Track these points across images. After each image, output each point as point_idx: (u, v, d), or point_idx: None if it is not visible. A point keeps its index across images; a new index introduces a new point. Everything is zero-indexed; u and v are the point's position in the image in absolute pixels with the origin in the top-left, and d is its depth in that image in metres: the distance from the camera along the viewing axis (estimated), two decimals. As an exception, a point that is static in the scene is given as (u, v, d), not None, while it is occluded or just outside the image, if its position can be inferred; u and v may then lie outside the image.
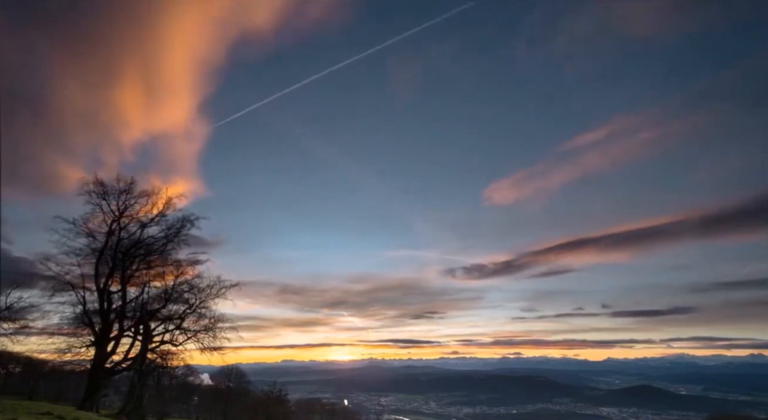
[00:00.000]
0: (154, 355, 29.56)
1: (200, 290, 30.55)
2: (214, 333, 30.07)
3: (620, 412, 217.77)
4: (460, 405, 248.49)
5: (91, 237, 27.37)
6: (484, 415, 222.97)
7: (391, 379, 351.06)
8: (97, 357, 26.16)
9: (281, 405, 63.16)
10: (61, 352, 26.38)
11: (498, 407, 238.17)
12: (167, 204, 29.18)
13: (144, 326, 29.02)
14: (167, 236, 29.52)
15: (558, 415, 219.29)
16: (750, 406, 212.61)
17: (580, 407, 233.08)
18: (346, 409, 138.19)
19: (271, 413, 57.05)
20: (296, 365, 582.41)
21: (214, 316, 30.61)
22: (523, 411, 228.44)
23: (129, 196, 28.01)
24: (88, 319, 26.60)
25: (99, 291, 26.89)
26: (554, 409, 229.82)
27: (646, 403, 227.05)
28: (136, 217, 28.63)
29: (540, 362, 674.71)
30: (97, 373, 25.69)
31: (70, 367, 29.68)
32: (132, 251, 28.62)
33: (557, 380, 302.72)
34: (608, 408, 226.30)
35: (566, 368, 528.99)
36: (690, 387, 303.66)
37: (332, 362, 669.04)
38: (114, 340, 27.40)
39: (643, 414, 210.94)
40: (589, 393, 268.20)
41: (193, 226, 29.96)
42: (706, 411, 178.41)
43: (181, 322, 30.22)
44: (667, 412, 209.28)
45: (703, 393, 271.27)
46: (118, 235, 27.87)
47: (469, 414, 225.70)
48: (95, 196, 27.14)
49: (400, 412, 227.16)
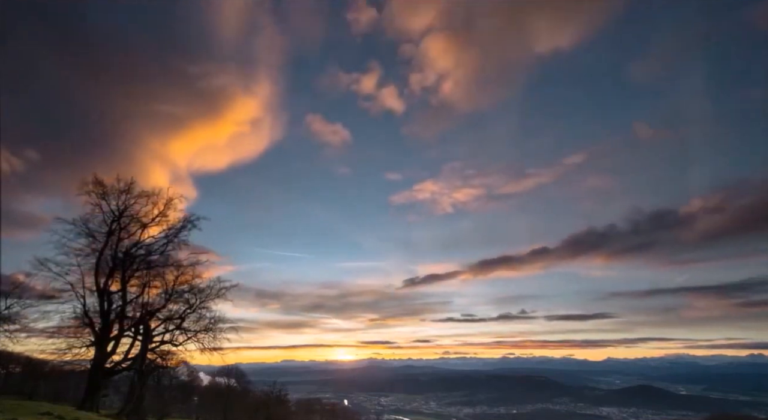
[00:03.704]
0: (154, 355, 29.60)
1: (200, 290, 30.65)
2: (214, 333, 30.19)
3: (620, 412, 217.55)
4: (460, 405, 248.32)
5: (91, 237, 27.33)
6: (484, 415, 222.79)
7: (391, 379, 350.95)
8: (97, 357, 26.12)
9: (281, 405, 63.24)
10: (61, 352, 26.29)
11: (498, 407, 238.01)
12: (168, 204, 29.22)
13: (144, 326, 29.04)
14: (167, 236, 29.61)
15: (558, 415, 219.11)
16: (750, 406, 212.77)
17: (580, 407, 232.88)
18: (346, 409, 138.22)
19: (271, 413, 57.14)
20: (296, 365, 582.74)
21: (214, 316, 30.75)
22: (523, 411, 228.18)
23: (129, 196, 27.99)
24: (88, 319, 26.54)
25: (99, 291, 26.83)
26: (554, 409, 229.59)
27: (646, 403, 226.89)
28: (136, 217, 28.63)
29: (540, 362, 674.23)
30: (97, 373, 25.66)
31: (70, 367, 29.65)
32: (132, 251, 28.64)
33: (557, 380, 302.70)
34: (608, 408, 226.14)
35: (566, 368, 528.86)
36: (690, 387, 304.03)
37: (332, 362, 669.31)
38: (114, 340, 27.36)
39: (643, 414, 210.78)
40: (589, 393, 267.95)
41: (194, 227, 30.06)
42: (706, 411, 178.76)
43: (181, 322, 30.25)
44: (667, 412, 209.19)
45: (703, 393, 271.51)
46: (118, 235, 27.81)
47: (469, 414, 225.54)
48: (95, 196, 27.10)
49: (400, 412, 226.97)
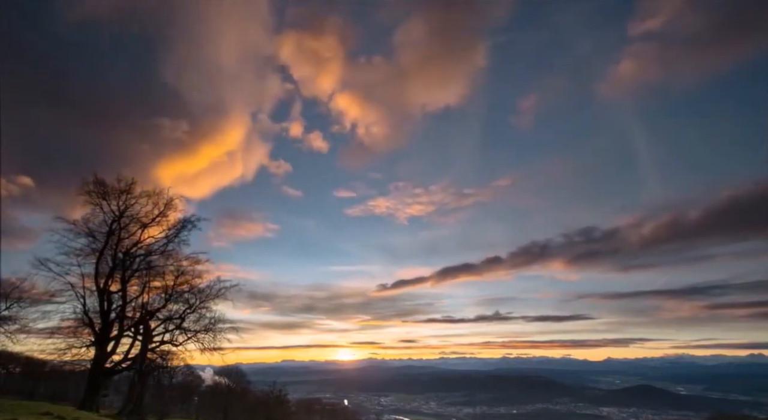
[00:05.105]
0: (154, 355, 29.61)
1: (200, 291, 30.67)
2: (213, 333, 30.19)
3: (620, 412, 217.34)
4: (460, 405, 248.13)
5: (91, 237, 27.34)
6: (484, 415, 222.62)
7: (391, 379, 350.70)
8: (97, 357, 26.13)
9: (281, 405, 63.19)
10: (61, 352, 26.34)
11: (498, 407, 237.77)
12: (168, 204, 29.23)
13: (144, 326, 29.05)
14: (168, 237, 29.61)
15: (558, 415, 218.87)
16: (750, 406, 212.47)
17: (580, 407, 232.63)
18: (346, 409, 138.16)
19: (271, 413, 57.11)
20: (296, 365, 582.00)
21: (214, 316, 30.75)
22: (523, 411, 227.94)
23: (129, 196, 28.01)
24: (88, 319, 26.56)
25: (99, 291, 26.84)
26: (554, 409, 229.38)
27: (646, 403, 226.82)
28: (136, 217, 28.63)
29: (540, 362, 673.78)
30: (97, 373, 25.65)
31: (70, 367, 29.75)
32: (132, 251, 28.64)
33: (557, 380, 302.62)
34: (608, 408, 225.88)
35: (566, 368, 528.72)
36: (690, 387, 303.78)
37: (332, 362, 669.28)
38: (114, 340, 27.38)
39: (643, 414, 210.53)
40: (589, 393, 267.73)
41: (194, 227, 30.09)
42: (706, 411, 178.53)
43: (181, 322, 30.28)
44: (667, 412, 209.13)
45: (703, 393, 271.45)
46: (118, 235, 27.82)
47: (469, 414, 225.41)
48: (95, 195, 27.12)
49: (400, 412, 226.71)
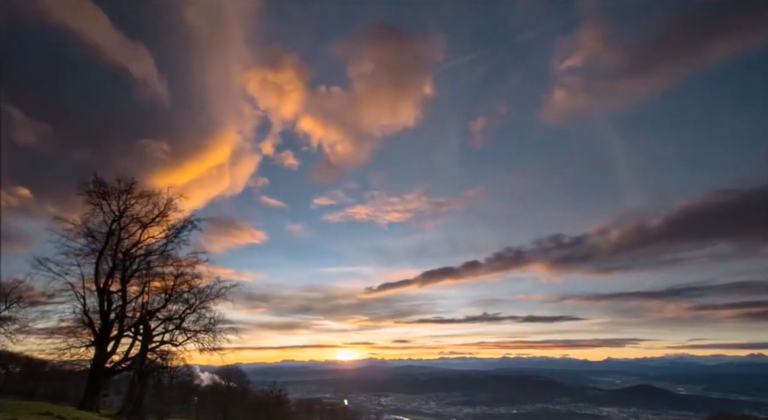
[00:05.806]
0: (154, 355, 29.60)
1: (200, 291, 30.67)
2: (213, 333, 30.18)
3: (620, 412, 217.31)
4: (460, 405, 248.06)
5: (91, 237, 27.35)
6: (484, 415, 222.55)
7: (390, 379, 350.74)
8: (97, 357, 26.12)
9: (281, 405, 63.18)
10: (61, 352, 26.33)
11: (498, 407, 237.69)
12: (168, 205, 29.23)
13: (144, 326, 29.04)
14: (167, 237, 29.60)
15: (558, 415, 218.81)
16: (750, 406, 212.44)
17: (580, 407, 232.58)
18: (346, 409, 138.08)
19: (271, 413, 57.10)
20: (296, 365, 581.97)
21: (214, 316, 30.75)
22: (523, 411, 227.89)
23: (129, 197, 28.01)
24: (88, 319, 26.56)
25: (99, 291, 26.84)
26: (554, 409, 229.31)
27: (646, 403, 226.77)
28: (136, 217, 28.63)
29: (540, 362, 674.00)
30: (97, 373, 25.66)
31: (70, 367, 29.75)
32: (132, 251, 28.64)
33: (557, 380, 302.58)
34: (608, 408, 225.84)
35: (566, 368, 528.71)
36: (690, 387, 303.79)
37: (332, 362, 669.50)
38: (114, 340, 27.37)
39: (643, 414, 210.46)
40: (589, 393, 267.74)
41: (194, 227, 30.09)
42: (706, 411, 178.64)
43: (180, 322, 30.28)
44: (667, 412, 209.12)
45: (703, 393, 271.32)
46: (118, 235, 27.82)
47: (469, 414, 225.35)
48: (95, 195, 27.11)
49: (400, 412, 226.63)
